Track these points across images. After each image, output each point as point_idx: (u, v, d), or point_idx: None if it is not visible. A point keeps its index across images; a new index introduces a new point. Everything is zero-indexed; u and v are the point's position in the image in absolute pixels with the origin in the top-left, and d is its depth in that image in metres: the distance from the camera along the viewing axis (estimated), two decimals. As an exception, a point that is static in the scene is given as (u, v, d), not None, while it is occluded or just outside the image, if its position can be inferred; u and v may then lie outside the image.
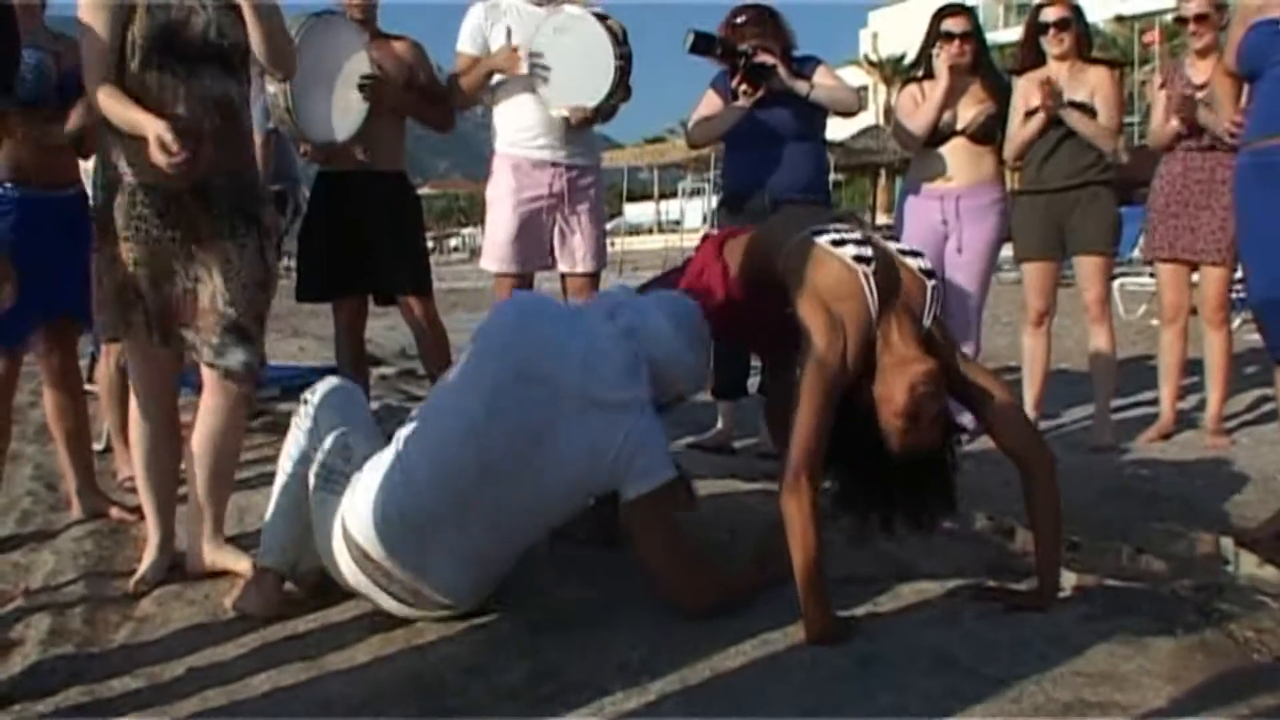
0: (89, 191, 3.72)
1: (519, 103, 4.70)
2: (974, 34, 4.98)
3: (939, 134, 4.97)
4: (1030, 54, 5.12)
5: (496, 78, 4.71)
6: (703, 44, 4.54)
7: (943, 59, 4.90)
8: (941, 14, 5.03)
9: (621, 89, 4.59)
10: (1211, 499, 4.07)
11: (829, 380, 2.72)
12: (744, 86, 4.57)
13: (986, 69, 5.06)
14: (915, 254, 3.07)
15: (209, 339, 3.20)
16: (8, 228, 3.71)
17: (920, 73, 5.15)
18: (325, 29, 4.42)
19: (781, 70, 4.56)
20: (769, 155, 4.67)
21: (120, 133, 3.08)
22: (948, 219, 4.99)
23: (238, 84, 3.26)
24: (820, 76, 4.71)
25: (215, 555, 3.34)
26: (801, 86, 4.60)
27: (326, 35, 4.41)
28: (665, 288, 3.50)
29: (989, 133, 4.97)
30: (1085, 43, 5.09)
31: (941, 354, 2.89)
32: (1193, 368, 5.35)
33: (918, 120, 4.96)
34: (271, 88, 4.30)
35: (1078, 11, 5.05)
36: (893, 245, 3.09)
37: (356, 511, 2.75)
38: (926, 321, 2.91)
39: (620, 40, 4.53)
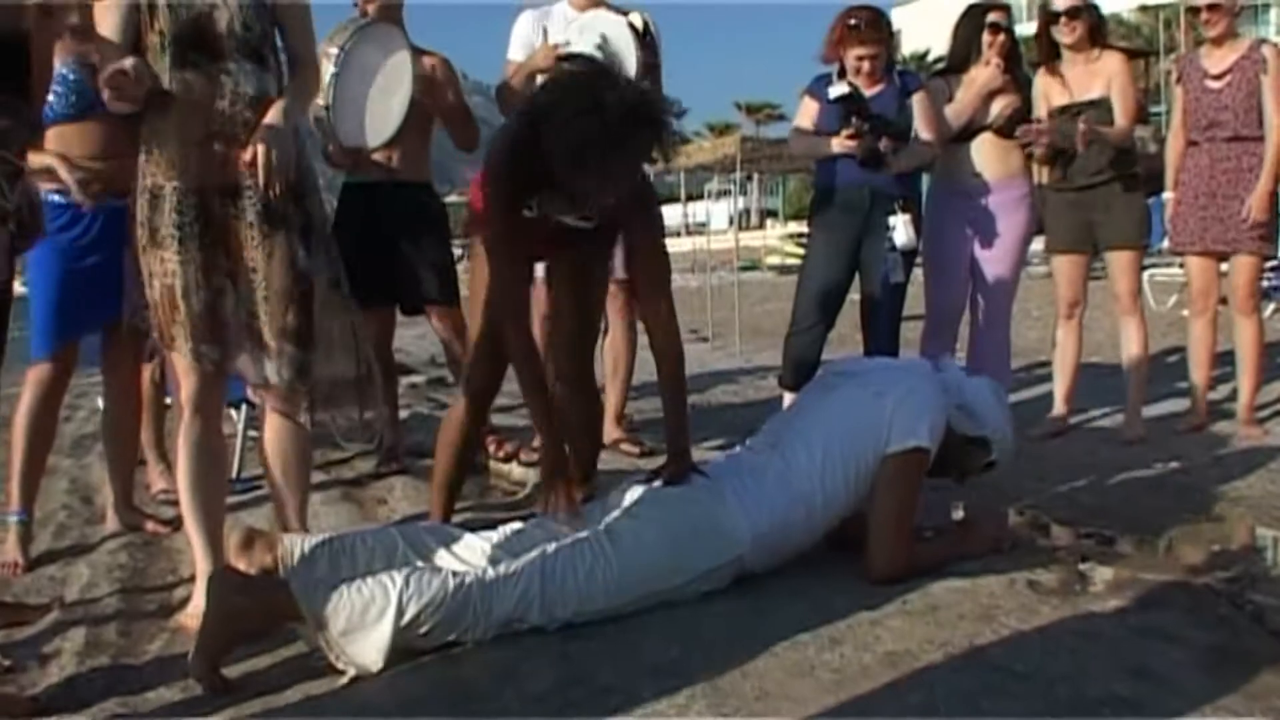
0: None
1: None
2: (1011, 28, 4.99)
3: (968, 129, 4.96)
4: (1046, 45, 5.09)
5: (540, 78, 4.71)
6: (848, 103, 4.58)
7: (993, 51, 4.91)
8: (985, 8, 5.02)
9: (647, 82, 4.52)
10: (1245, 490, 4.04)
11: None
12: (852, 145, 4.54)
13: (1015, 64, 5.05)
14: None
15: (239, 352, 3.08)
16: (70, 239, 3.70)
17: (945, 66, 5.12)
18: (373, 33, 4.38)
19: (890, 160, 4.56)
20: None
21: (163, 136, 2.95)
22: (977, 214, 4.98)
23: (274, 79, 3.11)
24: (917, 106, 4.70)
25: None
26: (896, 165, 4.60)
27: (374, 40, 4.37)
28: None
29: (1016, 127, 4.94)
30: (1099, 29, 5.04)
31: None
32: (1224, 358, 5.31)
33: (957, 112, 4.92)
34: None
35: None
36: None
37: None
38: None
39: (641, 35, 4.49)
